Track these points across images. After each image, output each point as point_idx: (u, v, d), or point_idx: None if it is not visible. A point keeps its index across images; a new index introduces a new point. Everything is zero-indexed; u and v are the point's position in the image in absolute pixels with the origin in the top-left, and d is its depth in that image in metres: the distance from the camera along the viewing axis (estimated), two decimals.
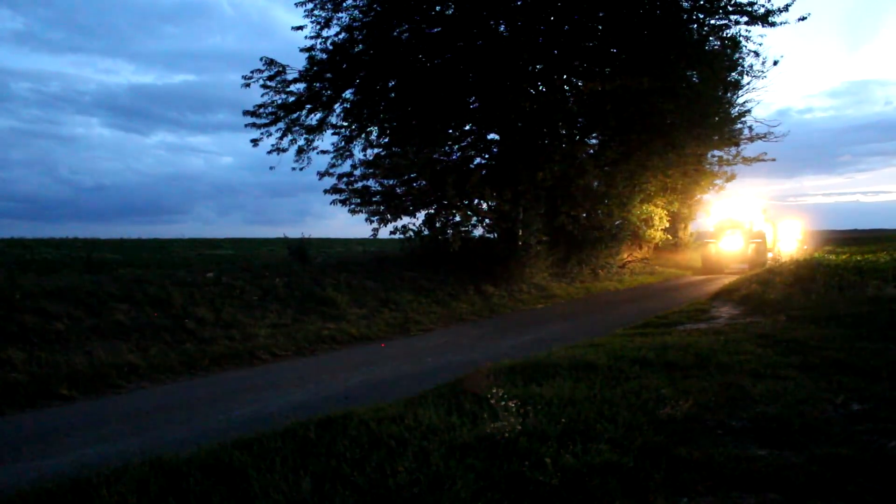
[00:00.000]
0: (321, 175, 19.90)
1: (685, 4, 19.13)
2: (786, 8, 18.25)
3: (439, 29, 19.31)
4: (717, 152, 33.82)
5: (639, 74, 16.60)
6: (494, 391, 5.45)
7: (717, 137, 29.75)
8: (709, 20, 19.64)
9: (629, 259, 29.43)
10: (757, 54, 24.40)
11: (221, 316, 11.20)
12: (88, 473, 4.12)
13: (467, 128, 20.03)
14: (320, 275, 14.58)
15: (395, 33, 19.33)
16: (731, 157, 34.02)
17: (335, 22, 19.76)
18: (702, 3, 19.05)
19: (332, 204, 19.34)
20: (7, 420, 6.82)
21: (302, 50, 19.75)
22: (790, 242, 40.42)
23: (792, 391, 6.04)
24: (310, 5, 19.44)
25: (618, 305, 17.14)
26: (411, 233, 19.54)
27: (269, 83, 19.53)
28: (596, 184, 23.21)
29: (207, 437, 5.12)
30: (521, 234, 19.98)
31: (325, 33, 19.72)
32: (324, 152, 20.56)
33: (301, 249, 17.07)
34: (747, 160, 33.15)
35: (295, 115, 20.04)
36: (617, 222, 24.43)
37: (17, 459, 5.44)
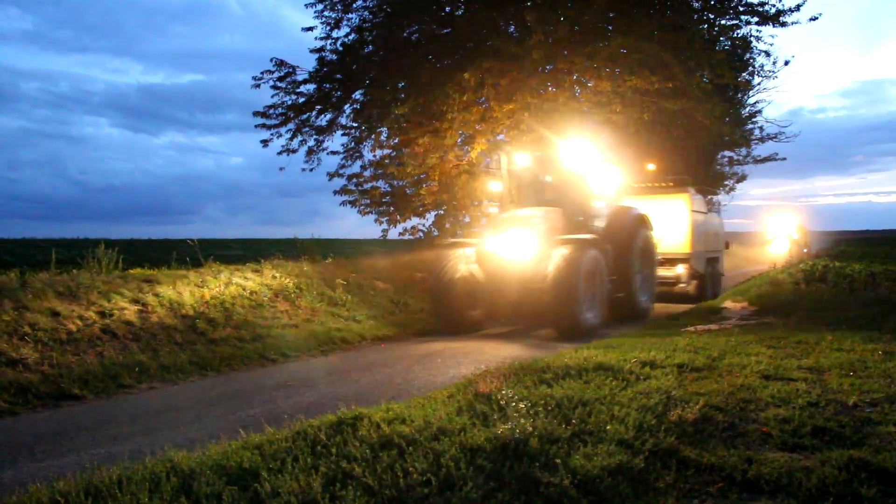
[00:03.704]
0: (331, 176, 19.93)
1: (696, 4, 19.07)
2: (797, 8, 18.15)
3: (449, 30, 19.32)
4: (727, 153, 33.72)
5: (648, 75, 16.55)
6: (504, 392, 5.46)
7: (727, 138, 29.67)
8: (719, 20, 19.57)
9: None
10: (768, 54, 24.35)
11: (232, 317, 11.23)
12: (101, 473, 4.14)
13: (478, 128, 20.03)
14: (330, 276, 14.60)
15: (404, 34, 19.36)
16: (741, 158, 33.92)
17: (345, 23, 19.83)
18: (712, 3, 18.99)
19: (342, 205, 19.39)
20: (20, 420, 6.86)
21: (312, 51, 19.82)
22: (781, 244, 33.24)
23: (803, 393, 6.01)
24: (320, 6, 19.54)
25: None
26: (421, 234, 19.55)
27: (279, 84, 19.59)
28: None
29: (218, 437, 5.14)
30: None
31: (334, 34, 19.80)
32: (334, 153, 20.58)
33: (311, 250, 17.09)
34: (759, 159, 33.01)
35: (305, 116, 20.08)
36: None
37: (31, 459, 5.48)
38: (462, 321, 12.59)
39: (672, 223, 17.72)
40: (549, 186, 14.78)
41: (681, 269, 17.71)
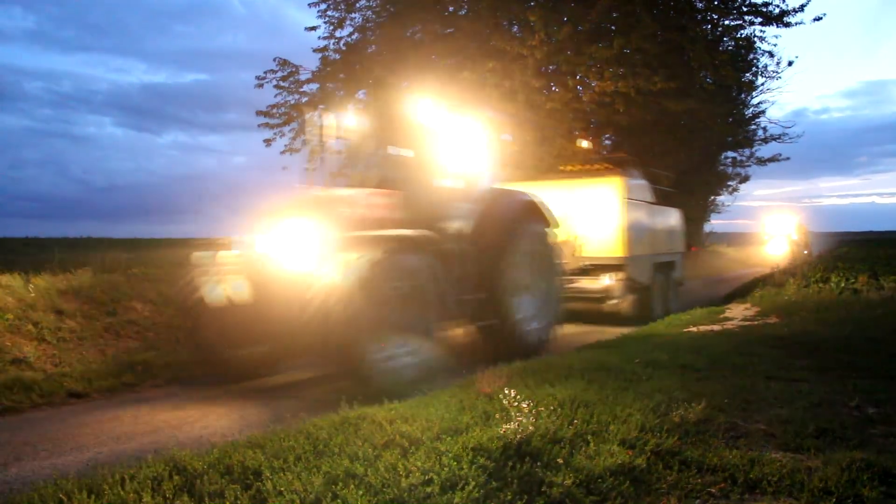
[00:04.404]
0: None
1: (699, 5, 19.06)
2: (801, 8, 18.12)
3: (452, 30, 19.34)
4: (730, 153, 33.70)
5: (652, 75, 16.54)
6: (507, 392, 5.45)
7: (730, 139, 29.62)
8: (723, 20, 19.56)
9: None
10: (771, 55, 24.14)
11: None
12: (104, 472, 4.15)
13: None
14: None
15: (407, 34, 19.39)
16: (744, 158, 33.90)
17: (348, 22, 19.90)
18: (716, 3, 18.98)
19: None
20: (24, 418, 6.87)
21: (315, 50, 19.87)
22: (779, 245, 32.26)
23: (806, 394, 6.01)
24: (323, 6, 19.59)
25: None
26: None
27: (282, 83, 19.65)
28: None
29: (222, 436, 5.15)
30: None
31: (338, 34, 19.86)
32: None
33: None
34: (761, 161, 32.97)
35: (308, 116, 20.09)
36: None
37: (35, 457, 5.49)
38: (228, 363, 8.21)
39: (599, 218, 13.50)
40: (391, 160, 9.94)
41: (608, 280, 13.22)
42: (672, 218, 16.54)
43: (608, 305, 13.27)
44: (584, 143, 17.01)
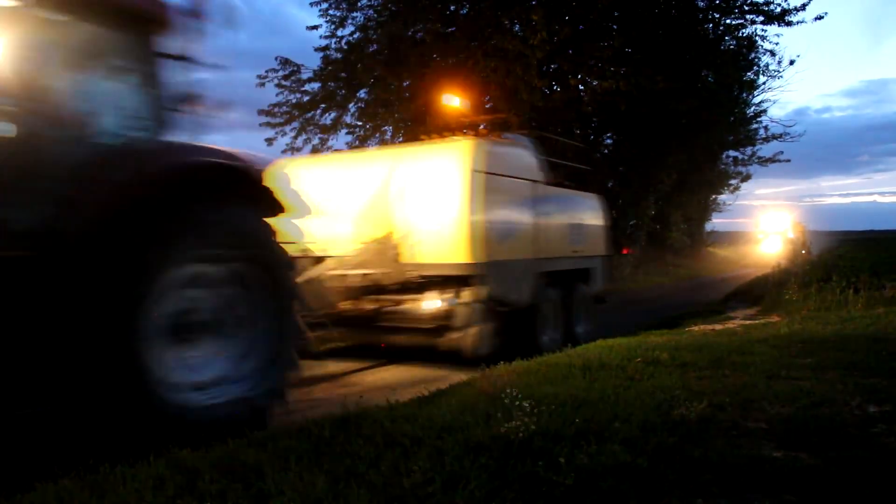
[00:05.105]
0: None
1: (700, 4, 19.08)
2: (802, 7, 18.15)
3: (454, 29, 19.37)
4: (732, 152, 33.74)
5: (654, 74, 16.55)
6: (508, 391, 5.45)
7: (732, 138, 29.63)
8: (724, 20, 19.58)
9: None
10: (773, 54, 24.06)
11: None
12: (105, 471, 4.15)
13: (482, 127, 20.10)
14: None
15: (409, 33, 19.43)
16: (746, 157, 33.92)
17: (350, 21, 19.97)
18: (717, 2, 18.99)
19: None
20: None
21: (317, 49, 19.91)
22: (773, 244, 32.10)
23: (807, 393, 6.00)
24: (324, 5, 19.69)
25: None
26: None
27: (283, 83, 19.72)
28: (610, 183, 23.18)
29: (222, 435, 5.14)
30: None
31: (339, 33, 19.92)
32: (338, 152, 20.66)
33: None
34: (763, 160, 33.00)
35: (309, 115, 20.23)
36: (631, 222, 24.37)
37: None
38: None
39: (435, 204, 8.80)
40: None
41: (436, 303, 8.77)
42: (582, 206, 11.61)
43: (447, 340, 8.67)
44: (455, 101, 12.14)
